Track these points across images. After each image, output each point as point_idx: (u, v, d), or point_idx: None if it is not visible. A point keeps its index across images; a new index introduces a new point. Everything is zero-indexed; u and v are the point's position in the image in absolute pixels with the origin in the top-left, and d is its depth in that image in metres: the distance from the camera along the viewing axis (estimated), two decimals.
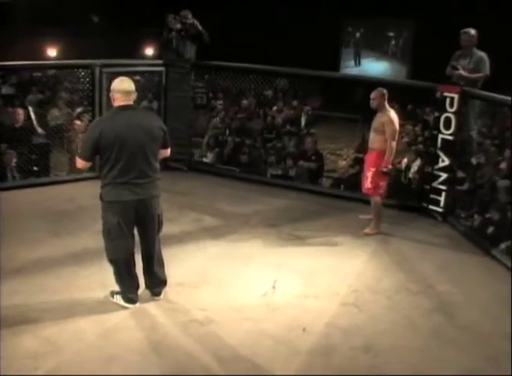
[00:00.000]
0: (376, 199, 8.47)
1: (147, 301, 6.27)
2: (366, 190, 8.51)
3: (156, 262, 6.27)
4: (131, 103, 6.06)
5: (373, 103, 8.36)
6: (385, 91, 8.38)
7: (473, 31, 9.40)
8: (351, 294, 6.68)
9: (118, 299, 6.18)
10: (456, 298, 6.72)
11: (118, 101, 5.97)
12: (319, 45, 21.45)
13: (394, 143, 8.23)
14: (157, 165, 6.08)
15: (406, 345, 5.78)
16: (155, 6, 20.65)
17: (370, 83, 9.67)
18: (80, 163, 6.01)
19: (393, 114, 8.31)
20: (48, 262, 7.15)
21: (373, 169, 8.30)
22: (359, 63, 25.10)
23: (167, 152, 6.35)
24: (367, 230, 8.48)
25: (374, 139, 8.38)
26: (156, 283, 6.34)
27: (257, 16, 22.77)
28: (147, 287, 6.35)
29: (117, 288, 6.20)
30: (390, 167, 8.26)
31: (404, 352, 5.67)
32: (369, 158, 8.43)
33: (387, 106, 8.34)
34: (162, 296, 6.34)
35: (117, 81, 6.05)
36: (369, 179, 8.36)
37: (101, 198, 5.98)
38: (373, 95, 8.37)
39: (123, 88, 5.97)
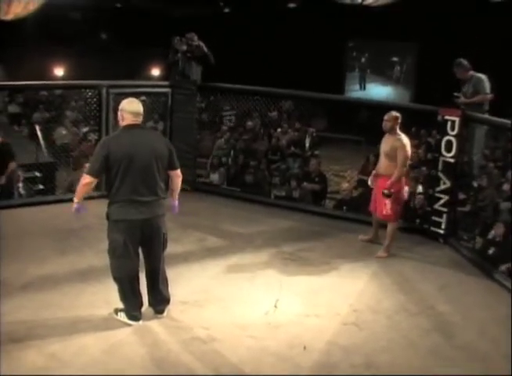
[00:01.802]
0: (394, 225, 8.52)
1: (151, 318, 6.34)
2: (385, 217, 8.54)
3: (160, 281, 6.34)
4: (139, 123, 6.16)
5: (387, 125, 8.41)
6: (399, 115, 8.46)
7: (464, 62, 9.55)
8: (351, 314, 6.75)
9: (122, 317, 6.25)
10: (455, 318, 6.78)
11: (127, 120, 6.06)
12: (324, 69, 21.59)
13: (404, 169, 8.33)
14: (163, 184, 6.17)
15: (405, 363, 5.85)
16: (161, 27, 20.82)
17: (373, 106, 9.77)
18: (86, 179, 6.00)
19: (406, 139, 8.36)
20: (53, 279, 7.24)
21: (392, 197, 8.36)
22: (364, 88, 25.27)
23: (178, 173, 6.42)
24: (381, 253, 8.52)
25: (387, 165, 8.42)
26: (160, 301, 6.41)
27: (264, 40, 22.94)
28: (150, 304, 6.42)
29: (121, 306, 6.27)
30: (392, 191, 8.29)
31: (403, 370, 5.74)
32: (384, 184, 8.40)
33: (398, 130, 8.42)
34: (165, 314, 6.41)
35: (127, 102, 6.15)
36: (389, 206, 8.39)
37: (107, 217, 6.06)
38: (386, 116, 8.44)
39: (133, 109, 6.08)
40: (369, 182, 8.90)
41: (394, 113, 8.47)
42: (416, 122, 15.29)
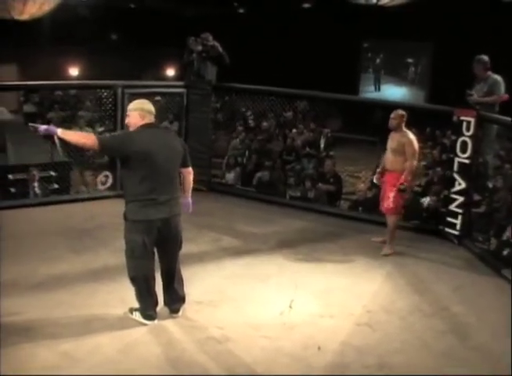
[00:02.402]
0: (394, 218, 8.54)
1: (166, 318, 6.33)
2: (386, 210, 8.57)
3: (176, 280, 6.34)
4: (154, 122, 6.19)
5: (393, 123, 8.48)
6: (405, 113, 8.51)
7: (485, 58, 9.47)
8: (365, 314, 6.73)
9: (137, 316, 6.25)
10: (469, 319, 6.74)
11: (146, 120, 6.05)
12: (338, 70, 21.56)
13: (415, 162, 8.36)
14: (179, 183, 6.20)
15: (419, 364, 5.82)
16: (175, 27, 20.86)
17: (388, 106, 9.74)
18: (93, 140, 5.87)
19: (412, 135, 8.42)
20: (67, 278, 7.26)
21: (396, 189, 8.38)
22: (379, 89, 25.22)
23: (190, 170, 6.43)
24: (386, 251, 8.54)
25: (394, 160, 8.45)
26: (175, 300, 6.41)
27: (278, 40, 22.92)
28: (166, 304, 6.42)
29: (135, 305, 6.27)
30: (406, 184, 8.33)
31: (416, 371, 5.71)
32: (391, 179, 8.47)
33: (404, 127, 8.46)
34: (180, 313, 6.41)
35: (143, 102, 6.16)
36: (392, 199, 8.43)
37: (125, 217, 6.04)
38: (393, 115, 8.50)
39: (150, 109, 6.11)
40: (375, 180, 8.96)
41: (401, 112, 8.54)
42: (430, 123, 15.31)
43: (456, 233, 9.13)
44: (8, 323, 6.10)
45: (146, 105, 6.12)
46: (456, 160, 9.08)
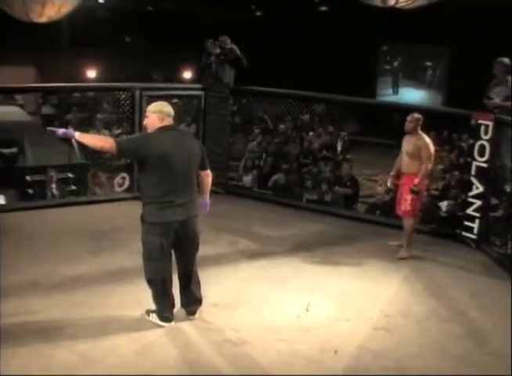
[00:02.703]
0: (411, 221, 8.52)
1: (182, 320, 6.34)
2: (404, 213, 8.55)
3: (193, 282, 6.35)
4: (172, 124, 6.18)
5: (409, 126, 8.47)
6: (421, 116, 8.50)
7: (506, 60, 9.41)
8: (382, 318, 6.71)
9: (154, 318, 6.27)
10: (486, 324, 6.70)
11: (165, 122, 6.05)
12: (355, 73, 21.55)
13: (430, 166, 8.36)
14: (196, 186, 6.21)
15: (436, 369, 5.79)
16: (193, 30, 20.89)
17: (405, 109, 9.71)
18: (111, 144, 5.88)
19: (427, 138, 8.43)
20: (85, 279, 7.29)
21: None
22: (397, 92, 25.17)
23: (208, 173, 6.44)
24: (403, 254, 8.52)
25: (410, 164, 8.44)
26: (192, 302, 6.41)
27: (295, 43, 22.93)
28: (183, 306, 6.42)
29: (152, 307, 6.28)
30: (420, 187, 8.32)
31: (435, 372, 5.72)
32: (408, 181, 8.44)
33: (419, 130, 8.46)
34: (197, 315, 6.41)
35: (162, 105, 6.15)
36: (409, 202, 8.41)
37: (142, 220, 6.04)
38: (409, 118, 8.49)
39: (170, 111, 6.10)
40: (389, 184, 8.95)
41: (417, 115, 8.52)
42: (447, 126, 15.25)
43: (473, 237, 9.09)
44: (26, 323, 6.15)
45: (166, 107, 6.12)
46: (474, 163, 9.06)
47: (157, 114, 6.07)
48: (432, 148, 8.39)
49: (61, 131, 6.10)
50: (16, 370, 5.35)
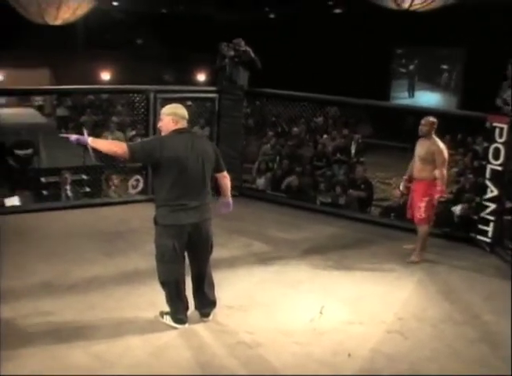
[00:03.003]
0: (425, 228, 8.48)
1: (196, 322, 6.35)
2: (418, 220, 8.50)
3: (206, 284, 6.35)
4: (186, 126, 6.18)
5: (423, 129, 8.38)
6: (435, 120, 8.44)
7: None
8: (396, 322, 6.69)
9: (168, 320, 6.28)
10: (500, 328, 6.66)
11: (179, 125, 6.05)
12: (369, 76, 21.54)
13: (445, 171, 8.28)
14: (209, 189, 6.19)
15: (450, 372, 5.78)
16: (206, 32, 20.95)
17: (419, 112, 9.68)
18: (123, 149, 5.90)
19: (441, 143, 8.35)
20: (99, 280, 7.32)
21: (426, 199, 8.30)
22: (413, 95, 25.12)
23: (225, 174, 6.43)
24: (414, 258, 8.49)
25: (423, 169, 8.37)
26: (206, 304, 6.42)
27: (309, 46, 22.94)
28: (196, 308, 6.43)
29: (166, 309, 6.30)
30: (445, 196, 8.27)
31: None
32: (419, 188, 8.41)
33: (433, 134, 8.39)
34: (211, 317, 6.42)
35: (176, 107, 6.17)
36: (423, 209, 8.36)
37: (155, 222, 6.05)
38: (423, 121, 8.41)
39: (183, 114, 6.10)
40: (401, 187, 8.90)
41: (431, 119, 8.44)
42: (462, 129, 15.21)
43: (487, 240, 9.06)
44: (40, 325, 6.19)
45: (180, 110, 6.12)
46: (489, 166, 9.02)
47: (171, 117, 6.07)
48: (446, 153, 8.32)
49: (74, 137, 6.17)
50: (31, 372, 5.37)
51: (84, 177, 12.30)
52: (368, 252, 8.81)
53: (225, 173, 6.43)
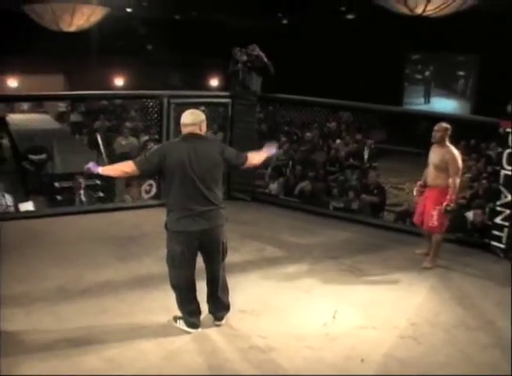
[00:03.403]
0: (439, 236, 8.45)
1: (209, 326, 6.35)
2: (431, 228, 8.47)
3: (220, 288, 6.36)
4: (198, 132, 6.12)
5: (436, 136, 8.31)
6: (449, 126, 8.39)
7: None
8: (409, 327, 6.67)
9: (181, 324, 6.29)
10: None
11: (184, 131, 6.11)
12: (382, 82, 21.54)
13: (458, 180, 8.21)
14: (220, 194, 6.18)
15: None
16: (220, 38, 21.00)
17: (433, 118, 9.65)
18: (130, 167, 6.06)
19: (456, 151, 8.26)
20: (112, 285, 7.34)
21: (439, 207, 8.26)
22: (429, 101, 25.04)
23: (247, 159, 6.43)
24: (426, 264, 8.46)
25: (436, 176, 8.30)
26: (220, 308, 6.42)
27: (323, 51, 22.97)
28: (210, 312, 6.44)
29: (179, 313, 6.31)
30: (453, 205, 8.22)
31: None
32: (432, 195, 8.35)
33: (447, 141, 8.34)
34: (224, 321, 6.42)
35: (185, 113, 6.21)
36: (435, 217, 8.29)
37: (166, 227, 6.09)
38: (437, 127, 8.34)
39: (181, 120, 6.14)
40: (415, 193, 8.85)
41: (445, 125, 8.37)
42: (475, 135, 15.19)
43: (501, 246, 9.02)
44: (54, 328, 6.22)
45: (184, 116, 6.17)
46: (502, 172, 8.98)
47: (181, 123, 6.20)
48: (460, 162, 8.22)
49: (86, 167, 6.31)
50: (45, 374, 5.40)
51: (98, 182, 12.34)
52: (381, 257, 8.79)
53: (244, 157, 6.42)
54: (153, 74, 23.82)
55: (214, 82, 27.51)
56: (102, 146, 15.29)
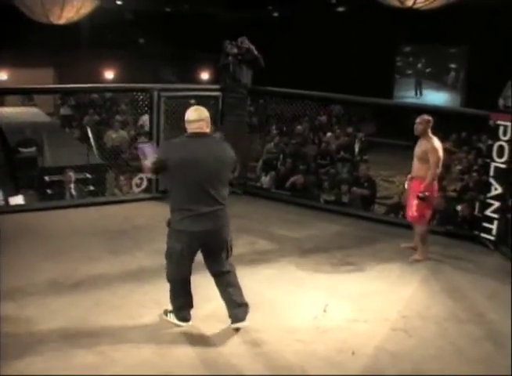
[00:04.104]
0: (421, 228, 8.46)
1: (200, 320, 6.34)
2: (411, 218, 8.50)
3: (231, 287, 6.23)
4: (205, 129, 5.99)
5: (418, 128, 8.30)
6: (431, 118, 8.37)
7: None
8: (400, 320, 6.69)
9: (171, 318, 6.28)
10: (505, 326, 6.61)
11: (189, 128, 5.97)
12: (372, 74, 21.56)
13: (437, 171, 8.21)
14: (227, 192, 6.09)
15: (454, 371, 5.78)
16: (210, 31, 20.98)
17: (423, 110, 9.64)
18: (148, 170, 6.15)
19: (437, 142, 8.25)
20: (104, 278, 7.34)
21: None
22: (421, 93, 25.00)
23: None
24: (416, 257, 8.46)
25: (419, 167, 8.32)
26: (233, 306, 6.23)
27: (314, 44, 22.96)
28: (229, 316, 6.24)
29: (170, 307, 6.32)
30: (427, 194, 8.21)
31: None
32: (414, 186, 8.37)
33: (430, 133, 8.32)
34: (246, 322, 6.23)
35: (188, 110, 6.07)
36: (415, 207, 8.32)
37: (168, 224, 6.01)
38: (418, 119, 8.34)
39: (187, 117, 5.98)
40: (406, 186, 8.86)
41: (426, 117, 8.36)
42: (466, 127, 15.22)
43: (491, 238, 9.05)
44: (46, 322, 6.21)
45: (188, 113, 6.03)
46: (493, 164, 9.00)
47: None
48: (441, 152, 8.22)
49: (141, 146, 6.41)
50: (36, 370, 5.40)
51: (88, 176, 12.34)
52: (372, 250, 8.80)
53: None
54: (144, 67, 23.75)
55: (205, 76, 27.46)
56: (92, 140, 15.27)
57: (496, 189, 8.95)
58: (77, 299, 6.73)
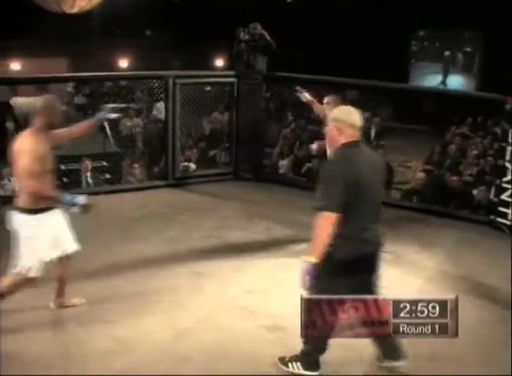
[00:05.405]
0: None
1: (216, 306, 6.38)
2: None
3: None
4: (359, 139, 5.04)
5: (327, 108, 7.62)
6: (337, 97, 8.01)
7: None
8: None
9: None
10: None
11: (346, 136, 4.94)
12: (388, 60, 21.46)
13: None
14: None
15: (471, 355, 5.79)
16: (225, 18, 20.90)
17: (439, 94, 9.59)
18: (329, 218, 4.80)
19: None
20: (120, 265, 7.37)
21: None
22: (445, 81, 24.78)
23: None
24: None
25: None
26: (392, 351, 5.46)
27: (329, 29, 22.86)
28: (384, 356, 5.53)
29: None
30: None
31: (468, 361, 5.73)
32: None
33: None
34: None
35: (344, 111, 5.08)
36: None
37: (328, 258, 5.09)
38: (327, 99, 8.00)
39: (353, 121, 4.99)
40: None
41: (334, 95, 8.03)
42: (481, 111, 15.12)
43: (507, 222, 8.99)
44: (62, 309, 6.25)
45: (349, 116, 5.03)
46: (509, 149, 8.94)
47: (335, 123, 4.99)
48: None
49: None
50: (53, 355, 5.45)
51: (105, 164, 12.35)
52: (389, 235, 8.71)
53: None
54: (156, 55, 23.71)
55: (219, 62, 27.38)
56: (108, 128, 15.28)
57: None
58: (92, 286, 6.76)
